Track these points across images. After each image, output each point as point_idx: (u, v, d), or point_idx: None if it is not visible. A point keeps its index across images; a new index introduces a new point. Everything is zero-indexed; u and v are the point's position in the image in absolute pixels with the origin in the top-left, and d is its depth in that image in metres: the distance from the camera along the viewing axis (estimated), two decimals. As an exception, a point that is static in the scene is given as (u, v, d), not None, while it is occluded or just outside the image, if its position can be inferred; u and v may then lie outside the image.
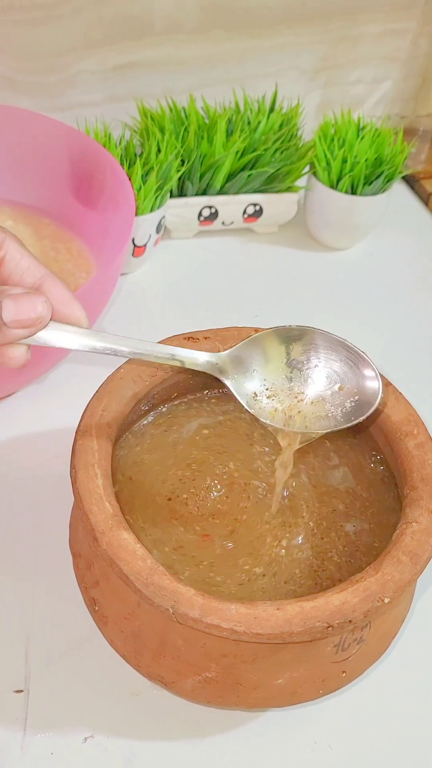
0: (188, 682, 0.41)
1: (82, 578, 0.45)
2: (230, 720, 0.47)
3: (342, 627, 0.37)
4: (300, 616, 0.37)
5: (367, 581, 0.39)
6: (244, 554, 0.46)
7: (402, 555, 0.40)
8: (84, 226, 0.68)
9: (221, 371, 0.44)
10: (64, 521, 0.52)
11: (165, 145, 0.71)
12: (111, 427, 0.45)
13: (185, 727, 0.46)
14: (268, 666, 0.40)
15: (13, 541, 0.53)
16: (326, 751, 0.46)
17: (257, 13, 0.81)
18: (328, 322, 0.52)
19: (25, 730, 0.45)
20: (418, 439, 0.46)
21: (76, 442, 0.44)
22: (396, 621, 0.45)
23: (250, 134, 0.75)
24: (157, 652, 0.41)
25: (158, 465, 0.49)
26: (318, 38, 0.86)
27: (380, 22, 0.87)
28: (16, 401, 0.62)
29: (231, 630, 0.37)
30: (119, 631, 0.42)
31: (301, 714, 0.47)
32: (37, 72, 0.77)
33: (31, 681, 0.47)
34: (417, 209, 0.89)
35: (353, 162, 0.73)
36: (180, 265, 0.77)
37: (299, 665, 0.40)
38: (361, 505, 0.48)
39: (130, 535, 0.40)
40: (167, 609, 0.37)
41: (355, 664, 0.43)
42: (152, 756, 0.45)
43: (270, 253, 0.80)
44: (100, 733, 0.45)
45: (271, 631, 0.37)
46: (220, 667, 0.40)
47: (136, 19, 0.77)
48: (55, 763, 0.44)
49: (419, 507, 0.42)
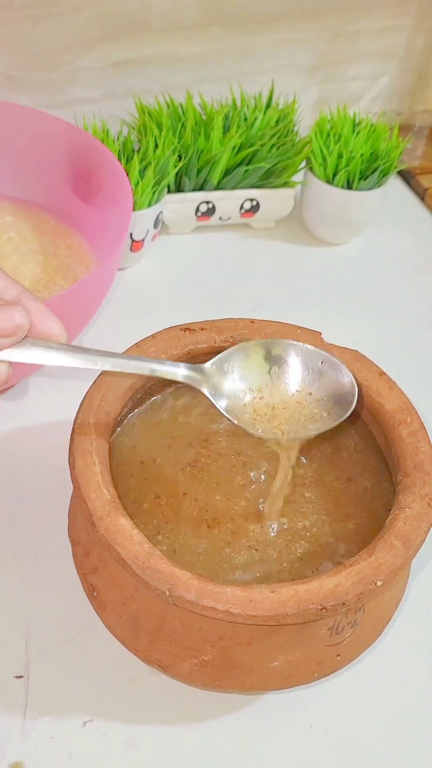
0: (185, 666, 0.42)
1: (80, 565, 0.46)
2: (227, 705, 0.47)
3: (335, 609, 0.38)
4: (294, 599, 0.38)
5: (360, 565, 0.39)
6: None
7: (395, 540, 0.41)
8: (83, 221, 0.69)
9: (201, 383, 0.44)
10: (63, 510, 0.52)
11: (162, 140, 0.71)
12: (109, 416, 0.46)
13: (183, 712, 0.47)
14: (264, 649, 0.41)
15: (14, 531, 0.54)
16: (322, 734, 0.47)
17: (255, 10, 0.82)
18: (324, 316, 0.53)
19: (25, 715, 0.46)
20: (411, 427, 0.47)
21: (74, 431, 0.44)
22: (390, 606, 0.45)
23: (247, 130, 0.75)
24: (154, 636, 0.42)
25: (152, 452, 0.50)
26: (315, 35, 0.87)
27: (377, 18, 0.88)
28: (17, 393, 0.63)
29: (226, 612, 0.37)
30: (117, 616, 0.43)
31: (297, 698, 0.48)
32: (36, 69, 0.78)
33: (31, 667, 0.48)
34: (413, 205, 0.90)
35: (349, 157, 0.74)
36: (178, 260, 0.78)
37: (294, 648, 0.41)
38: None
39: (127, 521, 0.40)
40: (164, 592, 0.38)
41: (350, 648, 0.43)
42: (150, 740, 0.46)
43: (267, 248, 0.81)
44: (99, 717, 0.46)
45: (265, 613, 0.37)
46: (217, 650, 0.41)
47: (134, 16, 0.78)
48: (55, 747, 0.45)
49: (412, 493, 0.43)
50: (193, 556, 0.46)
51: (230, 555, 0.46)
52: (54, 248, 0.68)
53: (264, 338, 0.51)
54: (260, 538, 0.47)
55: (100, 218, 0.66)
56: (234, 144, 0.74)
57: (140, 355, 0.45)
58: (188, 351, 0.50)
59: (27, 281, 0.64)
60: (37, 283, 0.64)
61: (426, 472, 0.44)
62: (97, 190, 0.67)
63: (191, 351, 0.51)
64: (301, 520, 0.48)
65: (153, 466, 0.49)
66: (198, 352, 0.51)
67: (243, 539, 0.46)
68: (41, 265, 0.66)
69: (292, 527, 0.47)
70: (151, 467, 0.49)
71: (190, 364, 0.44)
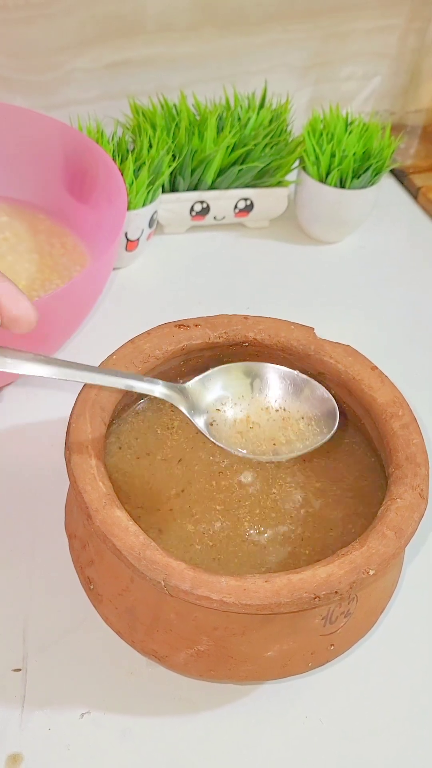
0: (181, 656, 0.42)
1: (77, 559, 0.46)
2: (222, 696, 0.48)
3: (328, 598, 0.38)
4: (288, 588, 0.38)
5: (352, 554, 0.40)
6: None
7: (387, 530, 0.41)
8: (78, 220, 0.69)
9: (179, 401, 0.45)
10: (59, 507, 0.53)
11: (156, 141, 0.72)
12: (104, 411, 0.46)
13: (178, 704, 0.47)
14: (258, 638, 0.41)
15: (11, 527, 0.54)
16: (317, 725, 0.47)
17: (248, 10, 0.83)
18: (318, 313, 0.54)
19: (23, 707, 0.46)
20: (403, 420, 0.47)
21: (71, 425, 0.45)
22: (383, 596, 0.46)
23: (241, 130, 0.76)
24: (150, 627, 0.42)
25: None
26: (308, 35, 0.87)
27: (369, 18, 0.89)
28: (13, 391, 0.63)
29: (221, 601, 0.38)
30: (114, 608, 0.44)
31: (292, 689, 0.48)
32: (31, 70, 0.78)
33: (29, 660, 0.48)
34: (406, 203, 0.90)
35: (341, 156, 0.74)
36: (173, 260, 0.79)
37: (288, 638, 0.42)
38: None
39: (122, 513, 0.41)
40: (159, 582, 0.38)
41: (343, 638, 0.44)
42: (147, 731, 0.46)
43: (261, 247, 0.82)
44: (96, 709, 0.47)
45: (259, 602, 0.38)
46: (212, 640, 0.41)
47: (128, 18, 0.78)
48: (53, 738, 0.45)
49: (404, 484, 0.44)
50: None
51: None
52: (49, 247, 0.68)
53: (257, 334, 0.52)
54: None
55: (95, 217, 0.67)
56: (228, 144, 0.74)
57: (119, 370, 0.46)
58: (182, 347, 0.51)
59: (23, 280, 0.64)
60: (33, 282, 0.64)
61: (417, 464, 0.45)
62: (92, 190, 0.67)
63: (185, 347, 0.51)
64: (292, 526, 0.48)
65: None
66: (192, 348, 0.52)
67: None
68: (37, 264, 0.66)
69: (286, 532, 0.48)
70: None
71: (168, 383, 0.45)
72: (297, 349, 0.52)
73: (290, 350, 0.52)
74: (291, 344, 0.52)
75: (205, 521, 0.47)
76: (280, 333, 0.52)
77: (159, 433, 0.51)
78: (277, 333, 0.52)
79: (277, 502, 0.48)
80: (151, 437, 0.51)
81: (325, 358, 0.51)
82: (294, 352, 0.52)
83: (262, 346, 0.52)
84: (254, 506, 0.48)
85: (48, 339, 0.59)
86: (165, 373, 0.52)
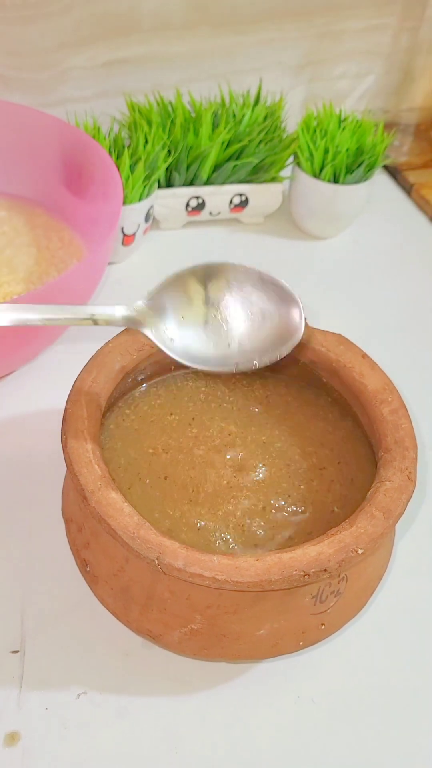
0: (175, 635, 0.43)
1: (73, 542, 0.47)
2: (215, 677, 0.49)
3: (318, 575, 0.39)
4: (278, 566, 0.39)
5: (342, 534, 0.41)
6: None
7: (375, 511, 0.42)
8: (75, 215, 0.70)
9: (141, 323, 0.44)
10: (57, 494, 0.54)
11: (152, 136, 0.73)
12: (100, 398, 0.47)
13: (173, 684, 0.48)
14: (250, 616, 0.42)
15: (9, 515, 0.55)
16: (309, 704, 0.48)
17: (242, 9, 0.84)
18: (312, 307, 0.55)
19: (21, 688, 0.47)
20: (393, 405, 0.48)
21: (67, 411, 0.46)
22: (373, 578, 0.47)
23: (235, 126, 0.77)
24: (145, 607, 0.43)
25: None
26: (302, 34, 0.88)
27: (362, 17, 0.90)
28: (11, 382, 0.64)
29: (213, 579, 0.39)
30: (109, 588, 0.45)
31: (284, 669, 0.49)
32: (28, 69, 0.79)
33: (26, 642, 0.49)
34: (400, 200, 0.91)
35: (335, 152, 0.76)
36: (169, 255, 0.80)
37: (279, 616, 0.43)
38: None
39: (117, 495, 0.42)
40: (153, 560, 0.39)
41: (334, 618, 0.45)
42: (142, 710, 0.47)
43: (256, 242, 0.83)
44: (92, 689, 0.48)
45: (250, 580, 0.39)
46: (205, 618, 0.42)
47: (124, 17, 0.80)
48: (50, 718, 0.46)
49: (392, 467, 0.45)
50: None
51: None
52: (47, 241, 0.69)
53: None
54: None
55: (91, 211, 0.68)
56: (222, 139, 0.75)
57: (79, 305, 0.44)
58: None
59: (21, 273, 0.65)
60: (30, 275, 0.65)
61: (406, 447, 0.46)
62: (89, 185, 0.68)
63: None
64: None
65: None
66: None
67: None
68: (34, 257, 0.67)
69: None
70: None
71: (125, 306, 0.43)
72: (289, 338, 0.53)
73: (282, 339, 0.53)
74: (283, 333, 0.53)
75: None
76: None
77: (153, 420, 0.52)
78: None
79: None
80: (147, 424, 0.52)
81: (316, 347, 0.52)
82: (286, 341, 0.53)
83: (255, 335, 0.53)
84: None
85: (44, 331, 0.60)
86: (160, 361, 0.53)
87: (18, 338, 0.57)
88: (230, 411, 0.53)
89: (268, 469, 0.49)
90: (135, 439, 0.51)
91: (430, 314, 0.77)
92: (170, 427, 0.52)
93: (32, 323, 0.41)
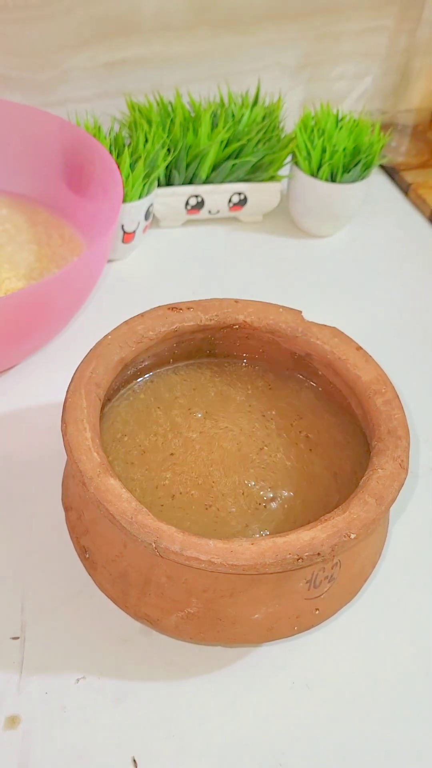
0: (172, 619, 0.44)
1: (73, 530, 0.48)
2: (212, 662, 0.50)
3: (311, 559, 0.40)
4: (272, 550, 0.40)
5: (335, 519, 0.42)
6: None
7: (368, 497, 0.43)
8: (75, 212, 0.72)
9: None
10: (57, 484, 0.55)
11: (152, 135, 0.74)
12: (99, 388, 0.48)
13: (170, 670, 0.49)
14: (245, 600, 0.43)
15: (10, 505, 0.56)
16: (304, 690, 0.49)
17: (242, 11, 0.85)
18: (309, 304, 0.56)
19: (21, 673, 0.48)
20: (386, 396, 0.49)
21: (67, 400, 0.47)
22: (367, 564, 0.48)
23: (234, 126, 0.78)
24: (142, 591, 0.44)
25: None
26: (301, 35, 0.90)
27: (360, 19, 0.91)
28: (13, 375, 0.65)
29: (209, 562, 0.40)
30: (108, 574, 0.46)
31: (280, 655, 0.50)
32: (30, 69, 0.80)
33: (27, 629, 0.50)
34: (397, 199, 0.92)
35: (332, 151, 0.77)
36: (168, 253, 0.81)
37: (274, 600, 0.43)
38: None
39: (116, 482, 0.43)
40: (150, 544, 0.40)
41: (328, 603, 0.46)
42: (140, 695, 0.48)
43: (255, 241, 0.84)
44: (91, 675, 0.48)
45: (245, 563, 0.40)
46: (201, 602, 0.43)
47: (125, 18, 0.81)
48: (49, 702, 0.47)
49: (385, 456, 0.46)
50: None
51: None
52: (48, 238, 0.70)
53: (247, 317, 0.54)
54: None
55: (91, 209, 0.69)
56: (221, 138, 0.76)
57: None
58: (175, 329, 0.53)
59: (22, 270, 0.66)
60: (31, 271, 0.66)
61: (399, 437, 0.47)
62: (89, 183, 0.69)
63: (178, 329, 0.53)
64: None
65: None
66: (185, 330, 0.54)
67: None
68: (36, 254, 0.68)
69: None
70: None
71: None
72: (285, 331, 0.54)
73: (278, 332, 0.54)
74: (279, 326, 0.54)
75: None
76: (268, 316, 0.54)
77: (153, 411, 0.53)
78: (266, 316, 0.54)
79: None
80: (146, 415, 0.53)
81: (312, 340, 0.53)
82: (282, 334, 0.54)
83: (252, 329, 0.54)
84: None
85: (44, 327, 0.61)
86: (158, 354, 0.54)
87: (22, 330, 0.58)
88: (228, 402, 0.54)
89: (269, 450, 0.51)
90: (133, 430, 0.52)
91: (426, 311, 0.78)
92: (168, 417, 0.53)
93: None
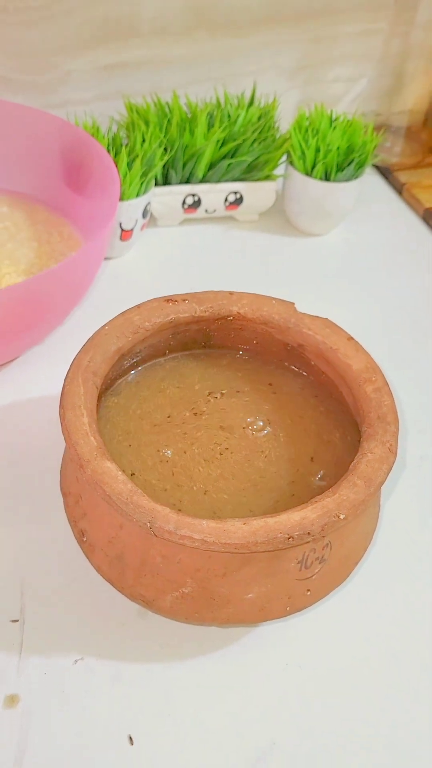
0: (167, 599, 0.46)
1: (71, 514, 0.50)
2: (207, 644, 0.51)
3: (302, 538, 0.42)
4: (264, 529, 0.42)
5: (325, 501, 0.43)
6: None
7: (357, 479, 0.45)
8: (74, 210, 0.73)
9: None
10: (55, 472, 0.56)
11: (149, 135, 0.76)
12: (96, 376, 0.50)
13: (166, 651, 0.50)
14: (238, 580, 0.44)
15: (10, 492, 0.58)
16: (297, 671, 0.50)
17: (239, 14, 0.87)
18: (304, 301, 0.57)
19: (21, 655, 0.49)
20: (376, 384, 0.50)
21: (65, 387, 0.48)
22: (358, 546, 0.49)
23: (230, 126, 0.80)
24: (138, 572, 0.45)
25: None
26: (297, 38, 0.91)
27: (355, 22, 0.93)
28: (13, 367, 0.67)
29: (202, 540, 0.41)
30: (105, 555, 0.47)
31: (273, 637, 0.51)
32: (30, 71, 0.82)
33: (26, 612, 0.51)
34: (391, 199, 0.94)
35: (326, 150, 0.78)
36: (165, 251, 0.82)
37: (266, 580, 0.45)
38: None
39: (112, 465, 0.44)
40: (145, 524, 0.42)
41: (320, 584, 0.47)
42: (136, 676, 0.49)
43: (251, 239, 0.85)
44: (89, 656, 0.50)
45: (237, 542, 0.41)
46: (195, 581, 0.44)
47: (124, 21, 0.82)
48: (48, 682, 0.48)
49: (375, 440, 0.47)
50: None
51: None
52: (47, 236, 0.72)
53: (241, 308, 0.56)
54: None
55: (89, 207, 0.70)
56: (217, 138, 0.78)
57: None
58: (171, 320, 0.55)
59: (22, 266, 0.68)
60: (31, 267, 0.68)
61: (388, 422, 0.48)
62: (87, 181, 0.71)
63: (173, 320, 0.55)
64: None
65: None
66: (180, 321, 0.55)
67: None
68: (35, 251, 0.70)
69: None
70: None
71: None
72: (278, 323, 0.55)
73: (271, 323, 0.55)
74: (272, 318, 0.55)
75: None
76: (262, 307, 0.56)
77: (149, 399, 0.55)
78: (260, 307, 0.56)
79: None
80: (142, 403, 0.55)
81: (304, 330, 0.54)
82: (275, 326, 0.55)
83: (246, 320, 0.56)
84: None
85: (43, 320, 0.62)
86: (154, 345, 0.56)
87: (22, 322, 0.59)
88: (223, 393, 0.55)
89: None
90: (130, 419, 0.53)
91: (419, 308, 0.79)
92: (165, 407, 0.54)
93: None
